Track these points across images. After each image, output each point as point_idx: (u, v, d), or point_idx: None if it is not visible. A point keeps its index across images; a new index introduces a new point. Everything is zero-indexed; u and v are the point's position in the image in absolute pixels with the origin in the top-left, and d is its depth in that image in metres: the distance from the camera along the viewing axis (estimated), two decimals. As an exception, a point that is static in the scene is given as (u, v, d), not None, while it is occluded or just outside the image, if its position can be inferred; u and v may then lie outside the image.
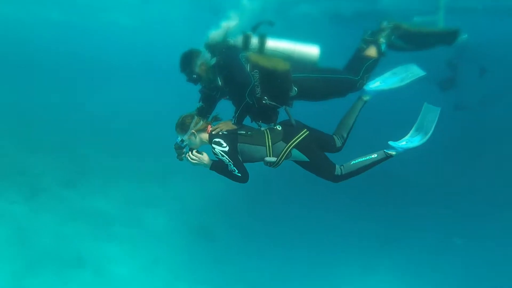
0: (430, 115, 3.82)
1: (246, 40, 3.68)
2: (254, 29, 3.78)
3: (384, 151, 3.83)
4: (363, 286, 7.39)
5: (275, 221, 8.61)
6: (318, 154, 3.76)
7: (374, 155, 3.81)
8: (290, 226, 8.47)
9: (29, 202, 8.41)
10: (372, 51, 3.92)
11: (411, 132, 3.92)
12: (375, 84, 3.93)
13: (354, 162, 3.79)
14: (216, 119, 3.75)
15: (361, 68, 3.83)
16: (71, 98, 12.89)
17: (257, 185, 3.78)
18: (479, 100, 9.12)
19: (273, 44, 3.72)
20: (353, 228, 8.25)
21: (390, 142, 3.83)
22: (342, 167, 3.79)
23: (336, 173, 3.75)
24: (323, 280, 7.45)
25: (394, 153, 3.80)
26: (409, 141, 3.84)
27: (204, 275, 7.64)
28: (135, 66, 16.39)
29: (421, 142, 3.80)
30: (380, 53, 3.93)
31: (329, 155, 3.87)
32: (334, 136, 3.92)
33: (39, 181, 8.95)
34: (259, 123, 3.77)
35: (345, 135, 3.91)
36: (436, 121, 3.79)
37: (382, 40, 3.94)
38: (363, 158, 3.78)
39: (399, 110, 8.10)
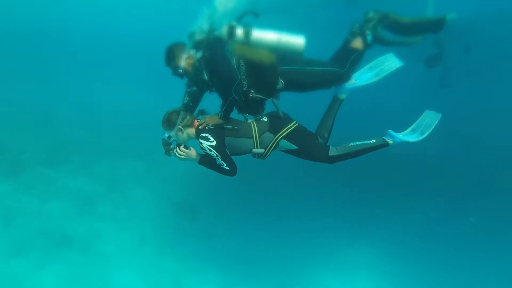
0: (430, 119, 3.84)
1: (231, 30, 3.57)
2: (239, 19, 3.66)
3: (383, 138, 3.82)
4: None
5: (260, 200, 8.70)
6: (307, 140, 3.76)
7: (373, 141, 3.79)
8: (276, 205, 8.59)
9: (11, 181, 8.28)
10: (358, 43, 3.87)
11: (407, 130, 3.91)
12: (350, 82, 3.90)
13: (352, 144, 3.78)
14: (203, 113, 3.71)
15: (347, 60, 3.79)
16: (53, 76, 12.44)
17: (243, 164, 3.77)
18: (464, 77, 9.12)
19: (259, 34, 3.62)
20: (338, 211, 8.46)
21: (390, 131, 3.82)
22: (337, 147, 3.79)
23: (330, 154, 3.75)
24: (304, 260, 7.70)
25: (391, 142, 3.79)
26: (406, 135, 3.85)
27: (189, 252, 7.77)
28: (119, 46, 15.84)
29: (417, 139, 3.83)
30: (366, 44, 3.88)
31: None
32: (317, 134, 3.93)
33: (20, 160, 8.78)
34: (245, 115, 3.74)
35: (326, 135, 3.94)
36: (434, 126, 3.80)
37: (368, 31, 3.88)
38: (362, 142, 3.77)
39: (382, 89, 8.08)
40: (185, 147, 3.58)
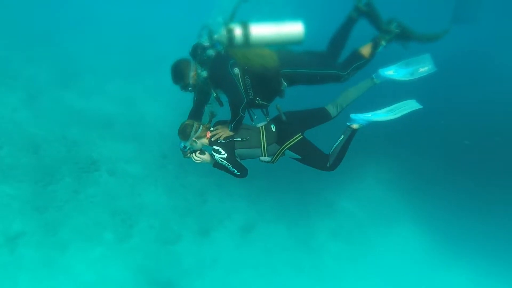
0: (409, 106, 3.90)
1: (230, 34, 3.53)
2: (232, 17, 3.58)
3: (347, 126, 4.00)
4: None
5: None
6: (310, 152, 4.02)
7: (341, 137, 4.04)
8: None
9: (29, 106, 8.37)
10: (366, 50, 3.80)
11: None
12: (389, 72, 3.91)
13: (331, 150, 4.04)
14: (212, 116, 3.93)
15: (350, 65, 3.79)
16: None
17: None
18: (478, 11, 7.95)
19: (257, 31, 3.55)
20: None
21: (351, 115, 3.97)
22: (329, 157, 4.04)
23: (327, 164, 4.03)
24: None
25: (357, 126, 3.97)
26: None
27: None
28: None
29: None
30: (373, 55, 3.81)
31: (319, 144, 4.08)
32: (328, 106, 4.05)
33: (34, 84, 8.71)
34: (253, 116, 3.97)
35: (344, 106, 4.04)
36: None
37: (383, 43, 3.78)
38: (336, 143, 4.04)
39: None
40: (201, 152, 3.93)
